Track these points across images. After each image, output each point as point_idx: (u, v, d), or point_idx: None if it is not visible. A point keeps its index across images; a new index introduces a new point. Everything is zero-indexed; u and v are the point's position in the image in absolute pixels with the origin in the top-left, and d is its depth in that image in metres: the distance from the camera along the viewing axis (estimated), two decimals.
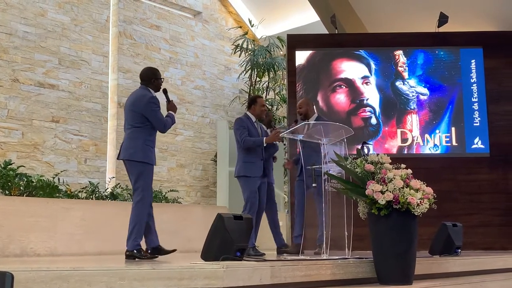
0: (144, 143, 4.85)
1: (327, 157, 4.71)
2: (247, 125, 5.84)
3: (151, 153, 4.89)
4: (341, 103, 8.49)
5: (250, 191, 5.69)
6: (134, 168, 4.83)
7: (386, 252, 3.80)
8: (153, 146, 4.94)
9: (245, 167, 5.76)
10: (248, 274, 3.08)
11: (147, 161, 4.82)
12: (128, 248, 4.67)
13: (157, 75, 5.13)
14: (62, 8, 9.43)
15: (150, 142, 4.91)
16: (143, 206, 4.76)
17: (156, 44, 10.80)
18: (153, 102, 4.93)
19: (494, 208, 8.14)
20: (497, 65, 8.47)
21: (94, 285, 3.05)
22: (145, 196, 4.78)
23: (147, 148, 4.86)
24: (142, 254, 4.68)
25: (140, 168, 4.81)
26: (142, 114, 4.86)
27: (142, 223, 4.75)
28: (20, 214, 5.92)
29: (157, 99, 5.01)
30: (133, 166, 4.83)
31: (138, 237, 4.72)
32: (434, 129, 8.38)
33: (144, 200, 4.77)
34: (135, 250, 4.66)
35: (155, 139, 5.00)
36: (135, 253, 4.65)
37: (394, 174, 3.82)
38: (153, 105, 4.90)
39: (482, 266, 5.10)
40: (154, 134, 4.97)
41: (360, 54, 8.62)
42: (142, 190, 4.78)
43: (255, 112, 5.94)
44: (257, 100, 6.01)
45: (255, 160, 5.76)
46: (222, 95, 11.83)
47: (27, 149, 8.67)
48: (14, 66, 8.70)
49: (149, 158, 4.85)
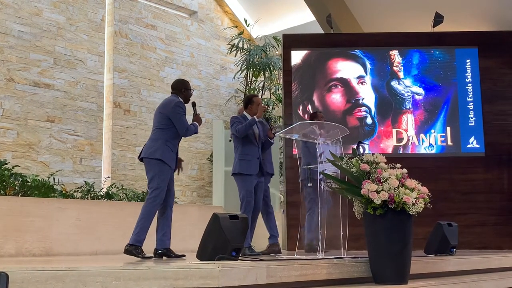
0: (165, 143, 4.97)
1: (323, 156, 4.72)
2: (242, 122, 5.83)
3: (170, 154, 4.95)
4: (336, 102, 8.50)
5: (245, 190, 5.68)
6: (151, 166, 4.93)
7: (381, 251, 3.80)
8: (173, 149, 5.00)
9: (240, 165, 5.74)
10: (244, 273, 3.08)
11: (164, 160, 4.90)
12: (129, 242, 4.73)
13: (187, 86, 5.28)
14: (57, 8, 9.40)
15: (171, 145, 4.99)
16: (153, 204, 4.82)
17: (151, 43, 10.78)
18: (180, 106, 5.07)
19: (489, 207, 8.16)
20: (492, 65, 8.50)
21: (89, 285, 3.05)
22: (158, 195, 4.84)
23: (166, 148, 4.95)
24: (139, 252, 4.68)
25: (156, 166, 4.91)
26: (168, 116, 5.00)
27: (149, 220, 4.80)
28: (15, 214, 5.90)
29: (184, 106, 5.14)
30: (150, 164, 4.93)
31: (141, 233, 4.76)
32: (429, 129, 8.40)
33: (155, 199, 4.84)
34: (133, 245, 4.70)
35: (177, 144, 5.08)
36: (133, 249, 4.68)
37: (390, 173, 3.82)
38: (179, 109, 5.04)
39: (477, 265, 5.11)
40: (176, 138, 5.06)
41: (356, 53, 8.63)
42: (156, 189, 4.85)
43: (252, 112, 5.89)
44: (253, 99, 5.98)
45: (251, 158, 5.74)
46: (217, 94, 11.83)
47: (22, 149, 8.64)
48: (9, 66, 8.67)
49: (167, 158, 4.92)
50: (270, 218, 6.04)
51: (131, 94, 10.20)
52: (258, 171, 5.77)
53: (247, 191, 5.67)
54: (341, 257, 4.23)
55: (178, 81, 5.36)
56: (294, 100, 8.42)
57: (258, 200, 5.80)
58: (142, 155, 5.01)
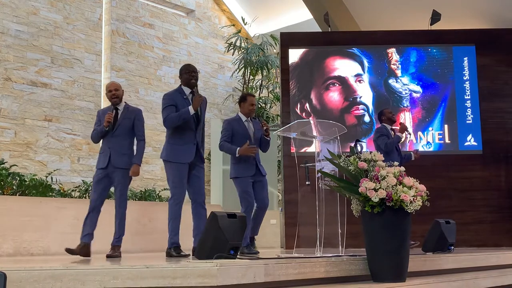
0: (168, 141, 5.06)
1: (321, 155, 4.72)
2: (232, 128, 5.74)
3: (176, 150, 4.99)
4: (334, 101, 8.50)
5: (242, 191, 5.64)
6: (164, 168, 5.08)
7: (379, 249, 3.80)
8: (181, 144, 5.00)
9: (235, 169, 5.71)
10: (242, 272, 3.08)
11: (169, 159, 4.98)
12: (167, 245, 4.87)
13: (185, 70, 5.17)
14: (54, 7, 9.39)
15: (176, 140, 5.02)
16: (173, 204, 4.93)
17: (149, 42, 10.77)
18: (164, 98, 5.10)
19: (487, 205, 8.17)
20: (490, 63, 8.51)
21: (87, 284, 3.04)
22: (175, 194, 4.93)
23: (170, 146, 5.02)
24: (176, 251, 4.79)
25: (166, 166, 5.04)
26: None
27: (176, 220, 4.89)
28: (13, 213, 5.90)
29: (169, 95, 5.10)
30: (164, 165, 5.09)
31: (172, 235, 4.87)
32: (427, 127, 8.41)
33: (174, 198, 4.93)
34: (172, 248, 4.82)
35: (185, 136, 5.03)
36: (171, 251, 4.81)
37: (387, 171, 3.82)
38: (163, 101, 5.08)
39: (475, 263, 5.11)
40: (180, 132, 5.03)
41: (353, 52, 8.63)
42: (171, 188, 4.96)
43: (244, 110, 5.84)
44: (247, 98, 5.88)
45: (245, 159, 5.68)
46: (215, 93, 11.83)
47: (19, 148, 8.63)
48: (6, 65, 8.66)
49: (171, 156, 4.98)
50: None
51: (128, 93, 10.19)
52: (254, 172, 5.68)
53: (243, 191, 5.63)
54: (339, 255, 4.24)
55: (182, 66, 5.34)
56: (291, 98, 8.41)
57: (258, 198, 5.74)
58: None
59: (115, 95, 5.34)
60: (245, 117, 5.83)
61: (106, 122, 5.20)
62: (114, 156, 5.19)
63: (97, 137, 5.35)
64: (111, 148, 5.21)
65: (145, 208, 7.62)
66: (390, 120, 6.86)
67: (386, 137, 6.64)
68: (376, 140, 6.72)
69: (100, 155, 5.29)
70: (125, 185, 5.29)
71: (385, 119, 6.87)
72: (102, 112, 5.42)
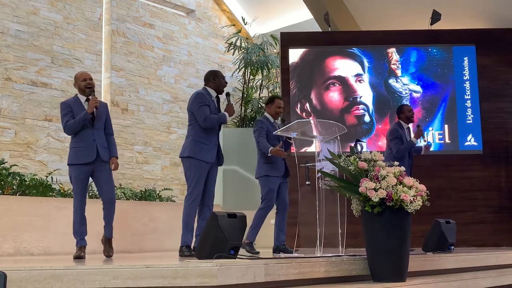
0: (194, 139, 5.01)
1: (321, 155, 4.72)
2: (267, 126, 5.84)
3: (201, 149, 4.96)
4: (334, 101, 8.50)
5: (269, 189, 5.73)
6: (184, 165, 5.03)
7: (379, 249, 3.81)
8: (206, 143, 5.00)
9: (266, 168, 5.75)
10: (242, 272, 3.08)
11: (193, 155, 4.94)
12: (180, 243, 4.89)
13: (217, 74, 5.20)
14: (54, 7, 9.39)
15: (201, 139, 5.00)
16: (189, 202, 4.90)
17: (149, 42, 10.77)
18: (197, 97, 5.05)
19: (487, 205, 8.17)
20: (490, 63, 8.50)
21: (87, 284, 3.04)
22: (191, 193, 4.90)
23: (196, 144, 4.98)
24: (187, 251, 4.80)
25: (186, 163, 4.98)
26: (191, 111, 5.04)
27: (190, 219, 4.87)
28: (13, 213, 5.90)
29: (203, 95, 5.07)
30: (183, 163, 5.04)
31: (186, 233, 4.86)
32: (427, 127, 8.41)
33: (190, 196, 4.90)
34: (184, 247, 4.84)
35: (210, 136, 5.04)
36: (183, 250, 4.83)
37: (387, 171, 3.83)
38: (197, 100, 5.02)
39: (475, 263, 5.12)
40: (209, 132, 5.03)
41: (354, 52, 8.63)
42: (189, 186, 4.91)
43: (270, 112, 5.96)
44: (275, 100, 6.00)
45: (275, 159, 5.75)
46: None
47: (20, 148, 8.63)
48: (6, 65, 8.66)
49: (196, 153, 4.95)
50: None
51: (128, 93, 10.19)
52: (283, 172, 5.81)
53: (270, 189, 5.73)
54: (339, 255, 4.24)
55: (208, 71, 5.32)
56: (292, 98, 8.42)
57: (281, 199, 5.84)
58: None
59: (90, 84, 5.02)
60: (272, 118, 5.95)
61: (93, 108, 4.87)
62: (101, 149, 4.93)
63: (79, 126, 4.96)
64: (97, 141, 4.92)
65: (145, 208, 7.63)
66: (408, 119, 6.54)
67: (400, 140, 6.34)
68: (390, 141, 6.45)
69: (81, 149, 4.92)
70: (111, 175, 5.07)
71: (403, 117, 6.53)
72: (73, 102, 5.08)
